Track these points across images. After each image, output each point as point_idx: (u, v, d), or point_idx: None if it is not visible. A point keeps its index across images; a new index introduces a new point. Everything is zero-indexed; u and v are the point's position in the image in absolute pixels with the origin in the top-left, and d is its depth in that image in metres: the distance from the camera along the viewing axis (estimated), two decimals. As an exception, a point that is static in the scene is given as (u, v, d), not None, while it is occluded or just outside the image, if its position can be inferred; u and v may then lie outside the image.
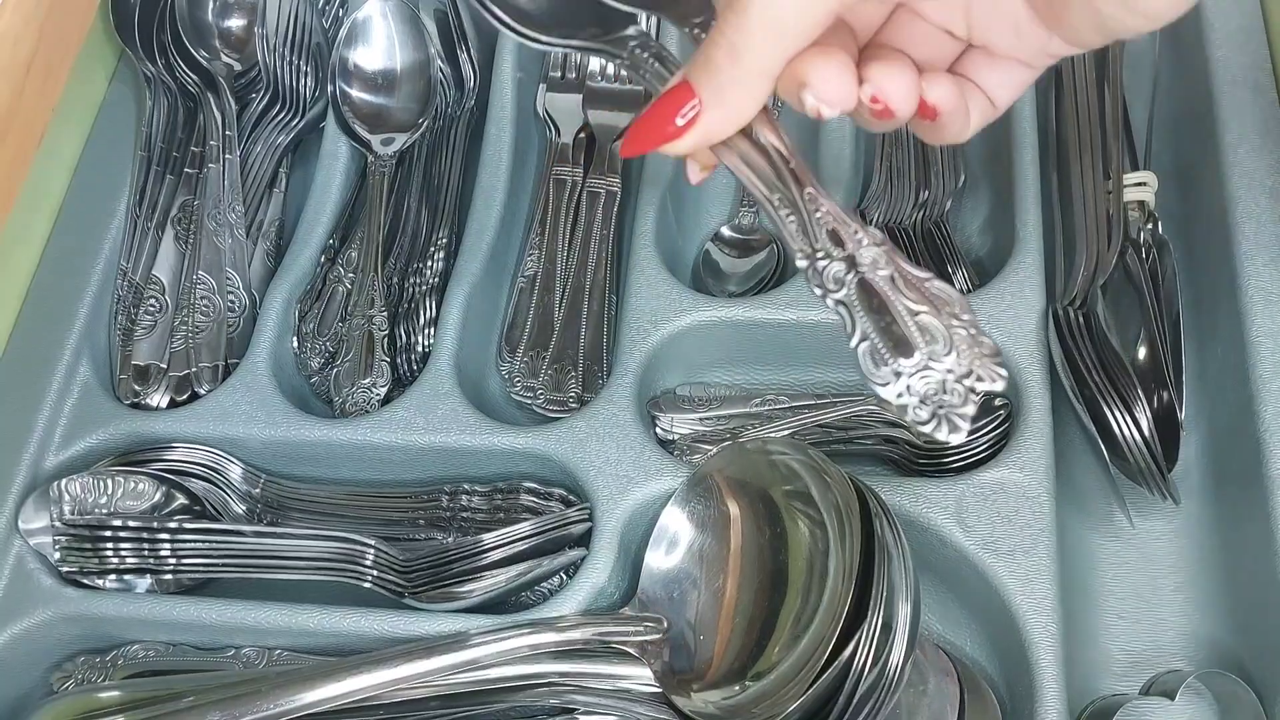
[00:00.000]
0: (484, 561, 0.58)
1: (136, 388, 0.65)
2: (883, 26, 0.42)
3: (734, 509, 0.56)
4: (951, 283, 0.63)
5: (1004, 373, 0.37)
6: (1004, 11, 0.40)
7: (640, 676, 0.55)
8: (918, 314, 0.37)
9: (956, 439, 0.36)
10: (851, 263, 0.38)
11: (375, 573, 0.58)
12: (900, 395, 0.37)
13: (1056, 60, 0.41)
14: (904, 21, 0.42)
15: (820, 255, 0.38)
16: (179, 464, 0.62)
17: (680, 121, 0.38)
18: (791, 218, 0.39)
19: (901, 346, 0.37)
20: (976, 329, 0.37)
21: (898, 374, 0.37)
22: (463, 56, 0.73)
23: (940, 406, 0.37)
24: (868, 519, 0.51)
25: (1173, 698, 0.55)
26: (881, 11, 0.41)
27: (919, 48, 0.41)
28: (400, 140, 0.71)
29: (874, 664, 0.49)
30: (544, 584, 0.59)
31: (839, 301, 0.38)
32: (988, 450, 0.59)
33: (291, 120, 0.72)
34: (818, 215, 0.39)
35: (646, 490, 0.58)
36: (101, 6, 0.70)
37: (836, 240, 0.38)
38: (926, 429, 0.37)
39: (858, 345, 0.37)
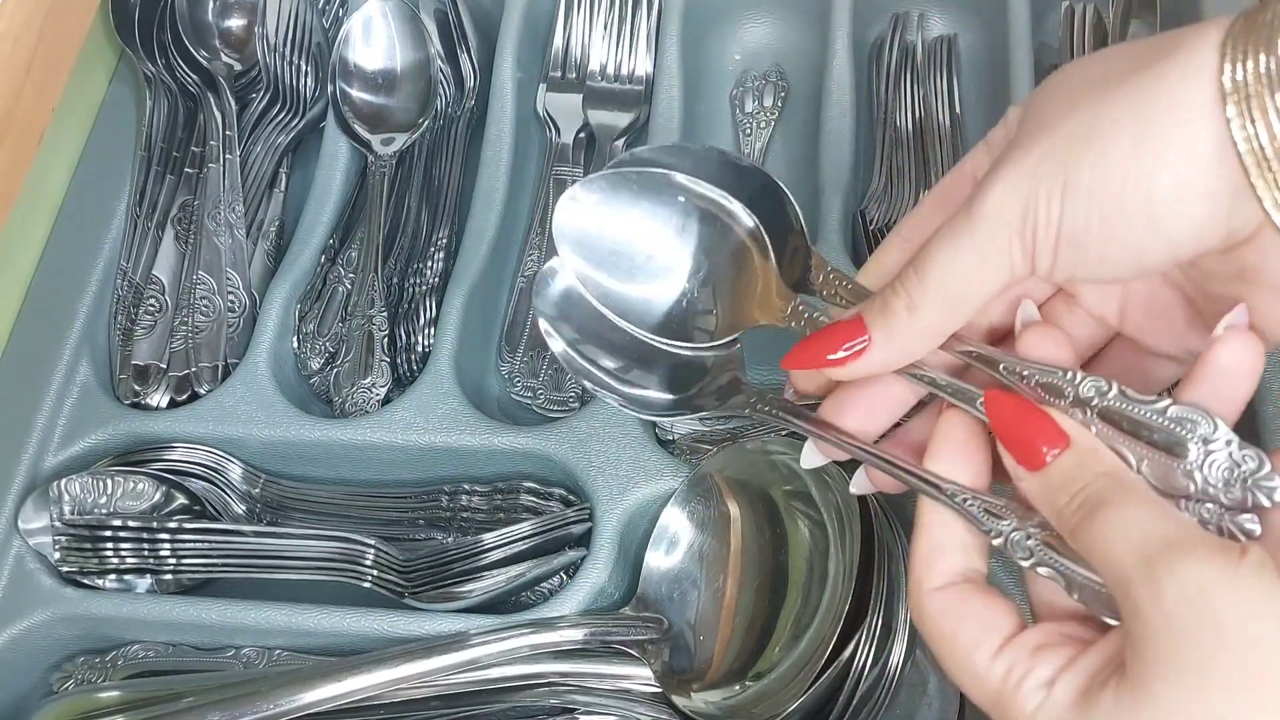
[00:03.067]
0: (484, 561, 0.58)
1: (136, 388, 0.65)
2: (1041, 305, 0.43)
3: (734, 509, 0.56)
4: None
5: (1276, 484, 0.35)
6: (1159, 309, 0.41)
7: (640, 676, 0.55)
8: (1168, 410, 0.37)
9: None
10: (1081, 402, 0.38)
11: (375, 573, 0.58)
12: None
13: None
14: (1059, 306, 0.43)
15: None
16: (179, 464, 0.62)
17: (844, 353, 0.40)
18: None
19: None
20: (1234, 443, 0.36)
21: (1188, 475, 0.36)
22: (463, 56, 0.73)
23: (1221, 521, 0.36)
24: (868, 519, 0.51)
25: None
26: (1045, 290, 0.42)
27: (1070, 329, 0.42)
28: (400, 140, 0.71)
29: (874, 664, 0.49)
30: (544, 584, 0.59)
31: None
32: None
33: (291, 120, 0.72)
34: (1026, 381, 0.39)
35: (646, 490, 0.58)
36: (101, 6, 0.70)
37: (1054, 391, 0.38)
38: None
39: (1140, 468, 0.37)
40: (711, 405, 0.47)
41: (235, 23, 0.74)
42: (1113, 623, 0.35)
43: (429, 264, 0.68)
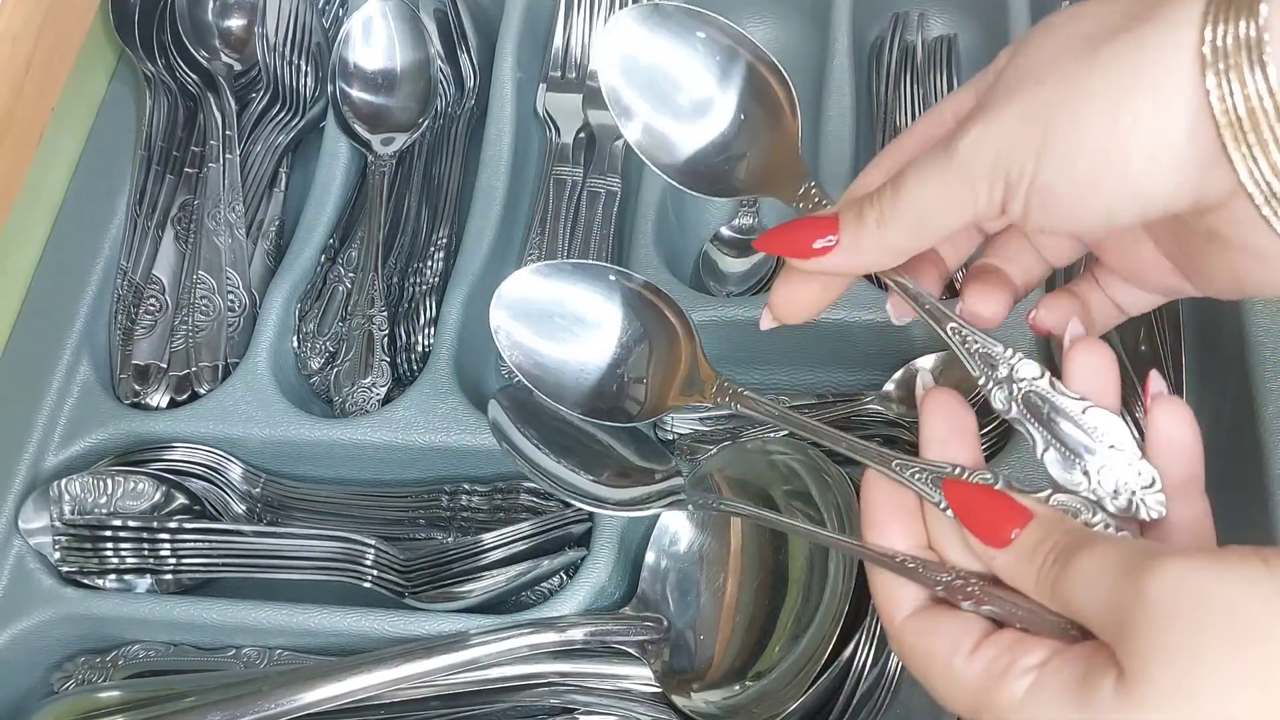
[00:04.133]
0: (484, 561, 0.58)
1: (136, 387, 0.65)
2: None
3: (734, 509, 0.56)
4: (952, 281, 0.63)
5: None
6: (1135, 256, 0.42)
7: (640, 676, 0.55)
8: (1086, 411, 0.39)
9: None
10: (1010, 381, 0.40)
11: (375, 572, 0.58)
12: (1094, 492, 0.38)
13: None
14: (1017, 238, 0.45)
15: (984, 382, 0.40)
16: (179, 464, 0.62)
17: (816, 245, 0.41)
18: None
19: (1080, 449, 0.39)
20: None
21: (1085, 473, 0.38)
22: (463, 56, 0.73)
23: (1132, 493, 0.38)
24: (868, 519, 0.51)
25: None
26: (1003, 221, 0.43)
27: (1045, 253, 0.44)
28: (400, 140, 0.71)
29: (874, 664, 0.49)
30: (544, 584, 0.59)
31: (1014, 419, 0.40)
32: (987, 450, 0.59)
33: (291, 120, 0.72)
34: (968, 346, 0.41)
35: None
36: (101, 6, 0.70)
37: (989, 362, 0.40)
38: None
39: (1043, 454, 0.39)
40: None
41: (235, 23, 0.74)
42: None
43: (429, 264, 0.68)
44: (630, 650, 0.55)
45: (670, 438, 0.62)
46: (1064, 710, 0.33)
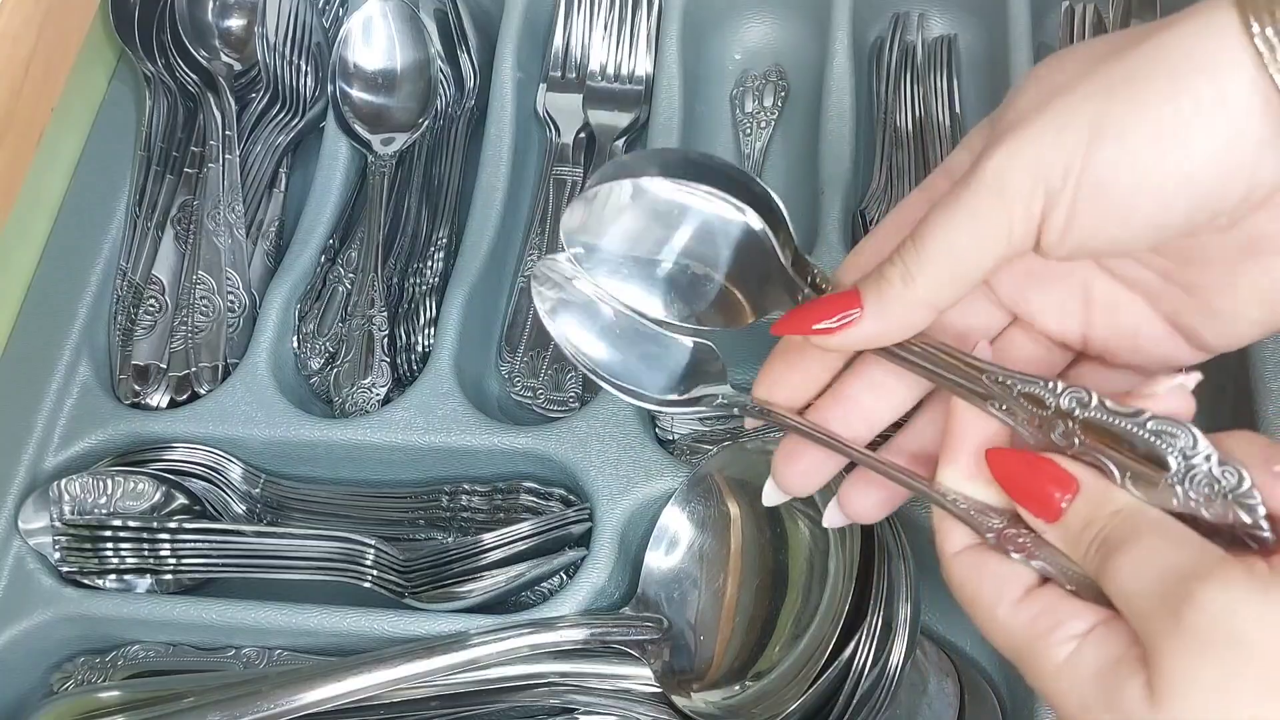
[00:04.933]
0: (484, 561, 0.58)
1: (136, 388, 0.65)
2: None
3: (734, 509, 0.56)
4: None
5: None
6: (1131, 327, 0.40)
7: (640, 676, 0.55)
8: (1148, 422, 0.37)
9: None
10: (1062, 414, 0.38)
11: (375, 573, 0.58)
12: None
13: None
14: (1017, 334, 0.43)
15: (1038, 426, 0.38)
16: (179, 464, 0.62)
17: (834, 323, 0.39)
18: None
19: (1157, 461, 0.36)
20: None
21: (1170, 485, 0.36)
22: (463, 56, 0.73)
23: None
24: (868, 519, 0.51)
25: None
26: (1001, 320, 0.42)
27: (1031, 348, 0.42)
28: (400, 140, 0.71)
29: (874, 664, 0.49)
30: (544, 584, 0.59)
31: (1079, 453, 0.37)
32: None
33: (291, 120, 0.72)
34: (1007, 383, 0.39)
35: (646, 490, 0.58)
36: (101, 6, 0.70)
37: (1036, 402, 0.38)
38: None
39: (1125, 482, 0.37)
40: (706, 400, 0.47)
41: (235, 23, 0.74)
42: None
43: (429, 264, 0.68)
44: (630, 650, 0.55)
45: (670, 438, 0.62)
46: (1094, 695, 0.34)
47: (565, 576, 0.58)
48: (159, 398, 0.65)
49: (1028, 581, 0.37)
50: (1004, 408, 0.39)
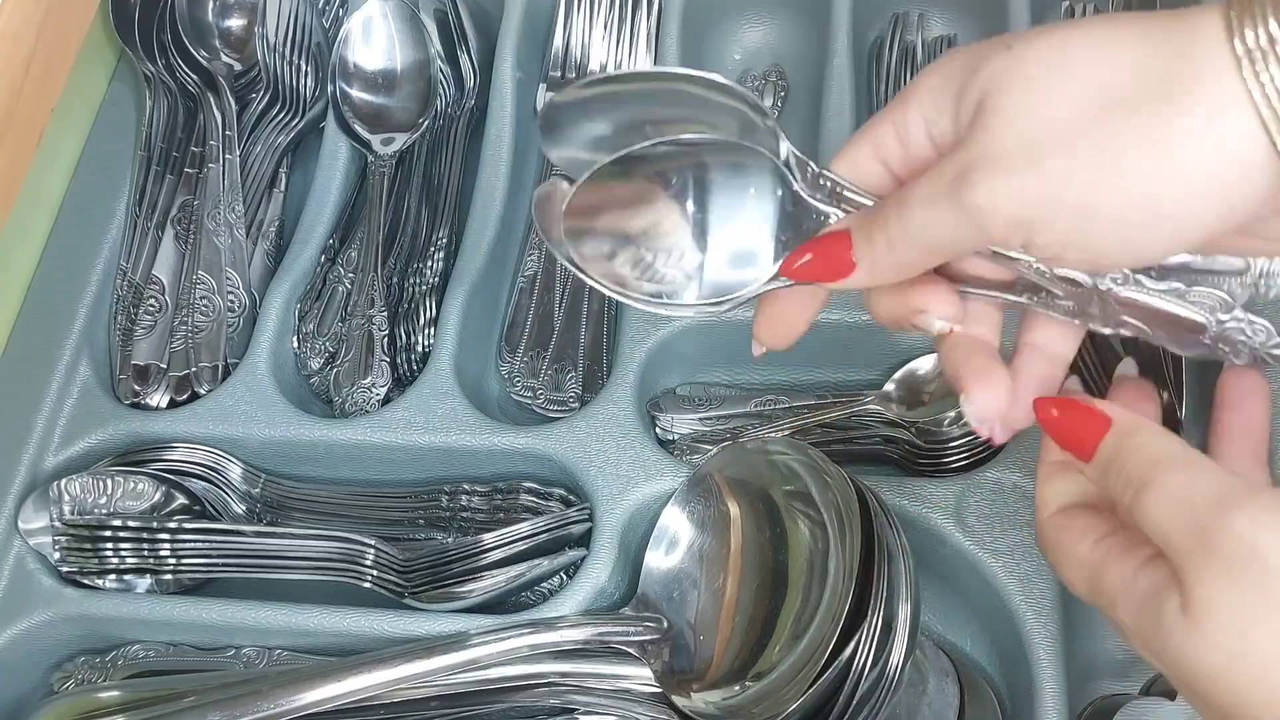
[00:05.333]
0: (484, 561, 0.58)
1: (136, 388, 0.65)
2: None
3: (734, 509, 0.56)
4: None
5: None
6: None
7: (640, 676, 0.55)
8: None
9: None
10: (1099, 292, 0.41)
11: (375, 573, 0.58)
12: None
13: None
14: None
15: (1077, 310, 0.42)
16: (179, 464, 0.62)
17: (832, 275, 0.43)
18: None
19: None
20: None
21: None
22: (463, 56, 0.73)
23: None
24: (868, 519, 0.51)
25: (1173, 698, 0.55)
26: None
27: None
28: (400, 140, 0.71)
29: (874, 664, 0.49)
30: (544, 584, 0.59)
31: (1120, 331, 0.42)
32: (988, 450, 0.59)
33: (291, 120, 0.72)
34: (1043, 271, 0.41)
35: (646, 490, 0.58)
36: (101, 6, 0.70)
37: (1073, 283, 0.41)
38: None
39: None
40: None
41: (235, 23, 0.74)
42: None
43: (429, 264, 0.68)
44: (630, 650, 0.55)
45: (670, 438, 0.62)
46: (1145, 614, 0.37)
47: (565, 576, 0.58)
48: (159, 398, 0.65)
49: (1105, 528, 0.40)
50: (1043, 295, 0.42)
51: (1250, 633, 0.34)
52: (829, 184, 0.43)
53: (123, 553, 0.60)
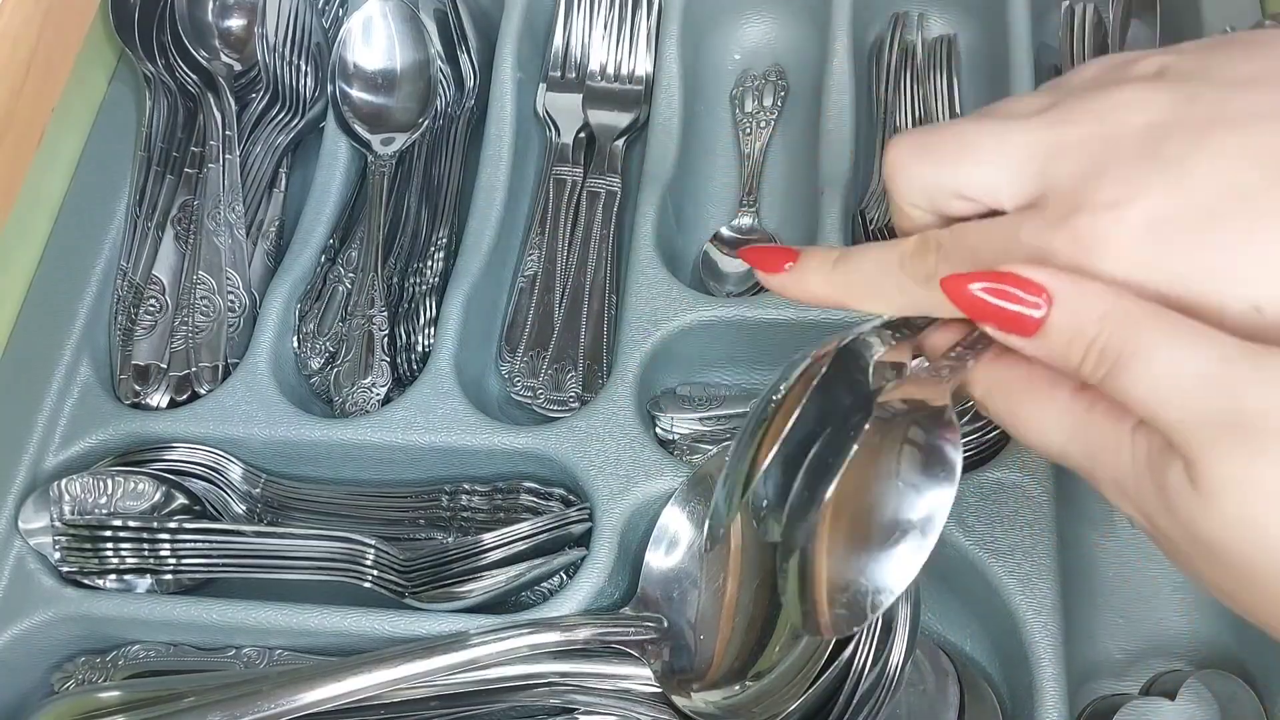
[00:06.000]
0: (484, 561, 0.58)
1: (136, 388, 0.65)
2: None
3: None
4: None
5: None
6: None
7: (640, 676, 0.55)
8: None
9: None
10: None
11: (375, 572, 0.58)
12: None
13: None
14: None
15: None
16: (179, 464, 0.62)
17: (778, 270, 0.43)
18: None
19: None
20: None
21: None
22: (463, 56, 0.73)
23: None
24: (868, 519, 0.51)
25: (1173, 698, 0.55)
26: None
27: None
28: (400, 140, 0.71)
29: (874, 664, 0.49)
30: (544, 584, 0.59)
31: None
32: (988, 450, 0.59)
33: (291, 120, 0.72)
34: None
35: (646, 490, 0.58)
36: (101, 6, 0.70)
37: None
38: None
39: None
40: None
41: (235, 23, 0.74)
42: None
43: (429, 264, 0.68)
44: (630, 650, 0.55)
45: (671, 438, 0.62)
46: (1147, 482, 0.34)
47: (565, 576, 0.58)
48: (159, 398, 0.65)
49: (1070, 387, 0.36)
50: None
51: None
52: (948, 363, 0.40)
53: (123, 553, 0.60)
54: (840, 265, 0.42)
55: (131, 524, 0.60)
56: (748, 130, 0.72)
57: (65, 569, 0.60)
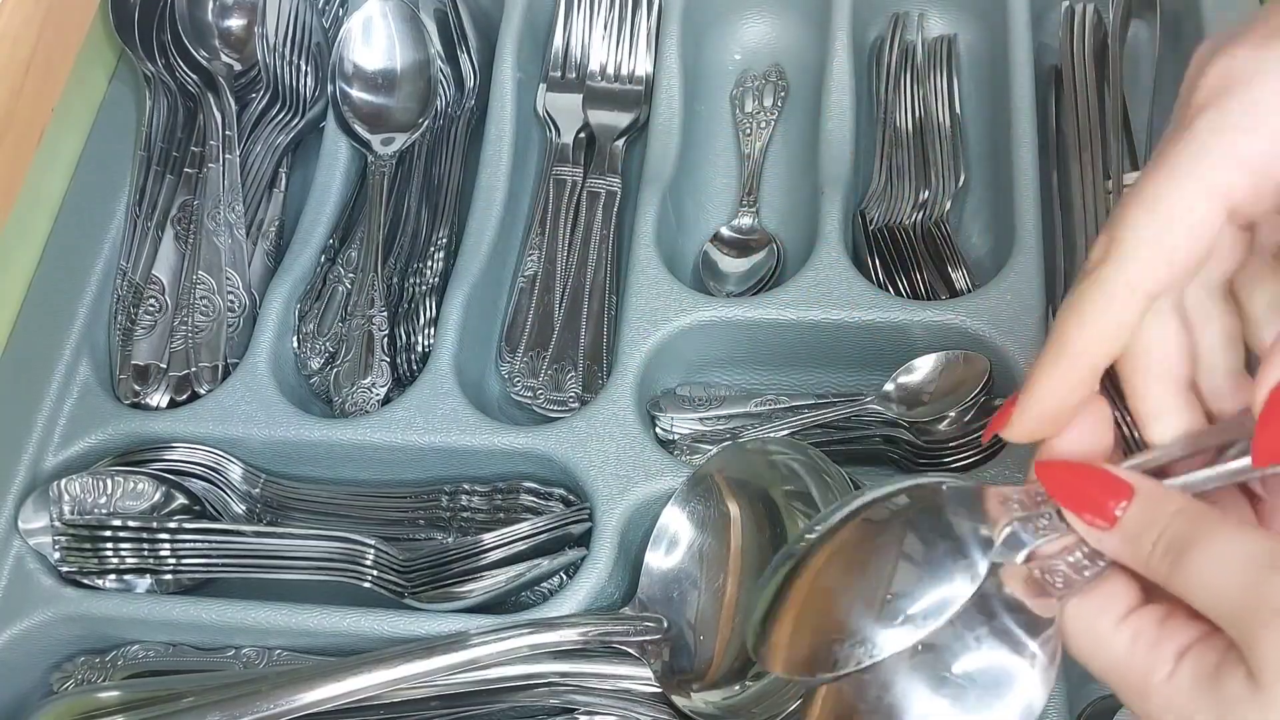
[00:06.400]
0: (484, 561, 0.58)
1: (136, 388, 0.65)
2: None
3: (734, 509, 0.56)
4: (951, 281, 0.63)
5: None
6: None
7: (640, 676, 0.54)
8: None
9: None
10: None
11: (375, 573, 0.58)
12: None
13: None
14: None
15: None
16: (179, 464, 0.62)
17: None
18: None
19: None
20: None
21: None
22: (463, 56, 0.73)
23: None
24: (868, 519, 0.50)
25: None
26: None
27: None
28: (400, 140, 0.71)
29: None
30: (544, 584, 0.59)
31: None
32: (987, 450, 0.59)
33: (291, 120, 0.72)
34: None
35: (646, 490, 0.58)
36: (101, 6, 0.70)
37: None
38: None
39: None
40: None
41: (235, 23, 0.74)
42: None
43: (429, 264, 0.68)
44: (630, 650, 0.55)
45: (671, 438, 0.62)
46: (1198, 698, 0.34)
47: (565, 576, 0.58)
48: (159, 398, 0.65)
49: (1129, 601, 0.37)
50: None
51: None
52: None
53: (123, 553, 0.60)
54: (1183, 558, 0.36)
55: (131, 524, 0.60)
56: (748, 130, 0.72)
57: (65, 569, 0.60)
